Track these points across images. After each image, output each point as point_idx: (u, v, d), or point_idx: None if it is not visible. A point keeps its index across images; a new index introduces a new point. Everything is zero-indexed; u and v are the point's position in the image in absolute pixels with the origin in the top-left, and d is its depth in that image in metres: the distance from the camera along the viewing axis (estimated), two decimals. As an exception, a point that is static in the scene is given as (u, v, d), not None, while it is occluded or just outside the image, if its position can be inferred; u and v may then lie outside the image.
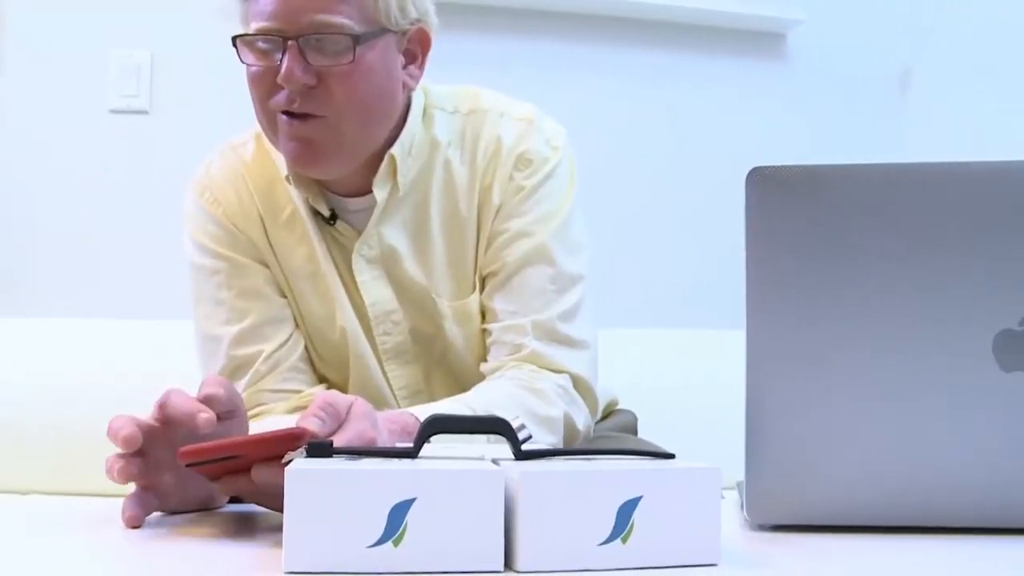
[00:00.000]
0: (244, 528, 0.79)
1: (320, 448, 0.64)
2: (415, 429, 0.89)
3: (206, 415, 0.75)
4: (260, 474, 0.71)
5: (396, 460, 0.63)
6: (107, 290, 1.95)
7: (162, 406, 0.78)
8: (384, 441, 0.81)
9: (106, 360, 1.67)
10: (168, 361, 1.61)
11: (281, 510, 0.78)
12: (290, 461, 0.63)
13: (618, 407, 1.34)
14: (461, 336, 1.14)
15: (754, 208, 0.72)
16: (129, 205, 1.96)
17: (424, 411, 0.90)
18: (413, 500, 0.58)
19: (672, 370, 1.71)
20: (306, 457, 0.63)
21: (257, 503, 0.79)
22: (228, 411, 0.80)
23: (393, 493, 0.58)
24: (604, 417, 1.30)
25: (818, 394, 0.74)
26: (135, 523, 0.75)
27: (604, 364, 1.16)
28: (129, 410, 0.78)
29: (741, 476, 0.78)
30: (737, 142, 2.11)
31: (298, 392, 1.13)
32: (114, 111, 1.97)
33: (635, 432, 1.32)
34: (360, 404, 0.78)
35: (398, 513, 0.58)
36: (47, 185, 1.95)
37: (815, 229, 0.73)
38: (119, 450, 0.77)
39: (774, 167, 0.71)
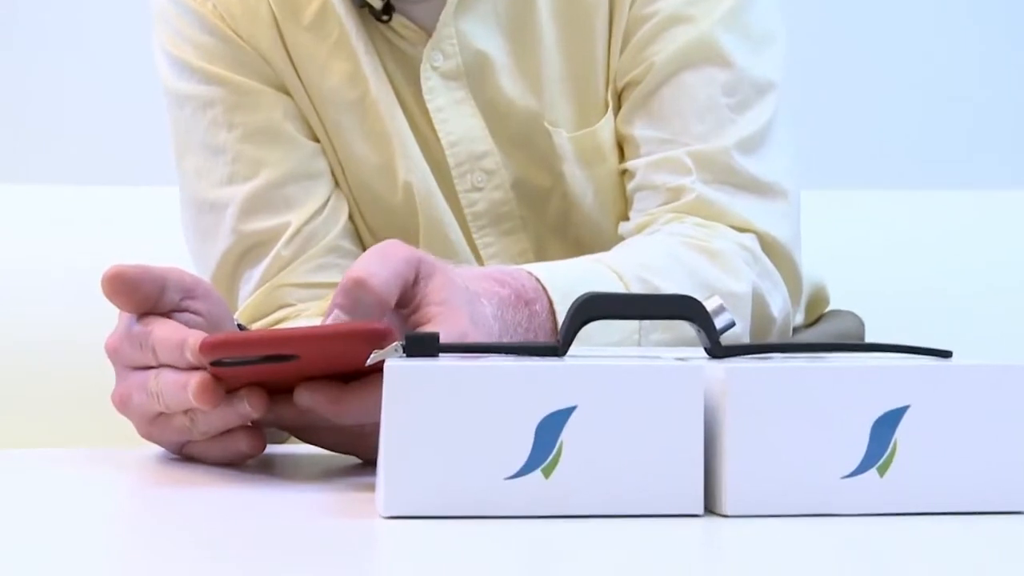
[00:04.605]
0: (297, 468, 0.86)
1: (422, 342, 0.68)
2: (536, 297, 0.91)
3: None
4: (304, 395, 0.76)
5: (536, 358, 0.68)
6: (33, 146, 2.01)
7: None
8: (492, 331, 0.85)
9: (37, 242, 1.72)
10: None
11: (345, 449, 0.85)
12: (376, 365, 0.67)
13: (830, 308, 1.36)
14: (590, 185, 1.17)
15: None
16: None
17: (547, 272, 0.93)
18: (571, 410, 0.63)
19: (916, 251, 1.71)
20: (404, 356, 0.68)
21: (309, 441, 0.85)
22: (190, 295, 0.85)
23: (542, 400, 0.62)
24: (812, 322, 1.32)
25: None
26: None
27: (808, 241, 1.19)
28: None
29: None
30: None
31: (341, 286, 1.17)
32: None
33: (861, 343, 1.35)
34: (441, 278, 0.81)
35: (550, 429, 0.63)
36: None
37: None
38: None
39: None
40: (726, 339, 0.70)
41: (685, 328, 0.71)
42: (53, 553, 0.60)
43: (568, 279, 0.94)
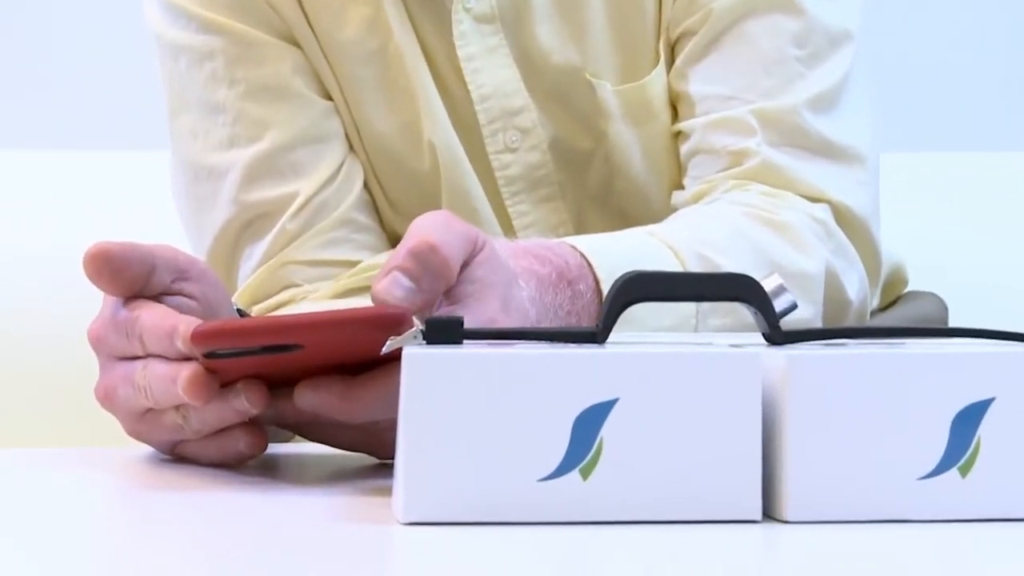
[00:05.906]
0: (303, 470, 0.87)
1: (444, 328, 0.68)
2: (580, 276, 0.92)
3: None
4: (306, 395, 0.76)
5: (573, 345, 0.68)
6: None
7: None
8: (528, 317, 0.85)
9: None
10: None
11: (358, 448, 0.86)
12: (391, 354, 0.68)
13: (909, 289, 1.36)
14: (637, 147, 1.17)
15: None
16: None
17: (594, 246, 0.94)
18: (612, 404, 0.63)
19: (1007, 225, 1.67)
20: (425, 343, 0.68)
21: (316, 439, 0.86)
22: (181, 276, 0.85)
23: (580, 392, 0.63)
24: (888, 305, 1.32)
25: None
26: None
27: (884, 213, 1.18)
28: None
29: None
30: None
31: (354, 263, 1.17)
32: None
33: (944, 329, 1.34)
34: (487, 253, 0.82)
35: (588, 425, 0.63)
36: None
37: None
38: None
39: None
40: (795, 325, 0.70)
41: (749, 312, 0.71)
42: (29, 569, 0.61)
43: (617, 255, 0.95)
